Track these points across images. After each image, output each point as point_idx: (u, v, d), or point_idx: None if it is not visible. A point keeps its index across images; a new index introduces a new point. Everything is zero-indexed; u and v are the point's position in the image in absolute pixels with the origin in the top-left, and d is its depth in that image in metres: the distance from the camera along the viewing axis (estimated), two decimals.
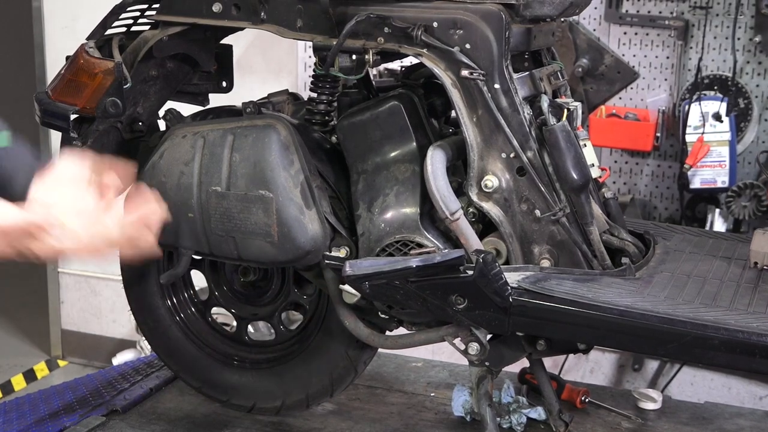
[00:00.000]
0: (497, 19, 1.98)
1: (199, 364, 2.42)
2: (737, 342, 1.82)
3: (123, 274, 2.44)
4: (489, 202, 2.03)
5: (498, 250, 2.05)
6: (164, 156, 2.15)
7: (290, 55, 4.10)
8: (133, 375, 2.79)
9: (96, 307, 4.79)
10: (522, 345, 2.10)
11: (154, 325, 2.44)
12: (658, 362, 3.70)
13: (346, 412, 2.54)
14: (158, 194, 1.86)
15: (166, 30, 2.19)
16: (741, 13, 3.44)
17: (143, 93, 2.26)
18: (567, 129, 2.01)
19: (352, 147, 2.12)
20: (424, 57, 2.01)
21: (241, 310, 2.41)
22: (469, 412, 2.45)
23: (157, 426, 2.45)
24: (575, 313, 1.90)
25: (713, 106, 3.41)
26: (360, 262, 2.00)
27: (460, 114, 2.01)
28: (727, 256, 2.22)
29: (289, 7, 2.09)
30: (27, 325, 5.18)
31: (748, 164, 3.52)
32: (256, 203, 2.04)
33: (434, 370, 2.83)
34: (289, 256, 2.06)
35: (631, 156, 3.68)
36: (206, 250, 2.14)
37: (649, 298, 1.95)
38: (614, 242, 2.16)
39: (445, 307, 1.97)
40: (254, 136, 2.06)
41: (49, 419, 2.61)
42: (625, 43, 3.61)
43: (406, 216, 2.07)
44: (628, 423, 2.50)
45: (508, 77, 2.00)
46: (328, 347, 2.27)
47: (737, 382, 3.65)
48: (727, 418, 2.58)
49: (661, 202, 3.66)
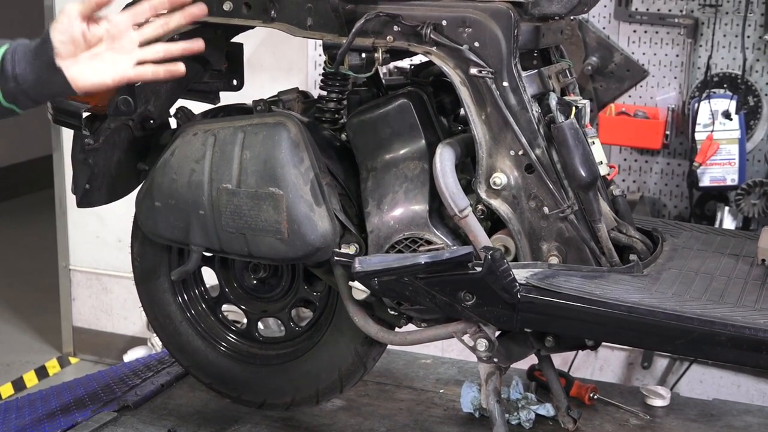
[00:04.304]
0: (506, 17, 1.99)
1: (209, 360, 2.43)
2: (744, 338, 1.82)
3: (134, 271, 2.45)
4: (498, 200, 2.04)
5: (506, 247, 2.06)
6: (175, 153, 2.16)
7: (300, 53, 4.11)
8: (144, 371, 2.80)
9: (107, 305, 4.81)
10: (530, 342, 2.11)
11: (165, 321, 2.45)
12: (668, 360, 3.70)
13: (355, 408, 2.55)
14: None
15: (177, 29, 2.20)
16: (750, 11, 3.44)
17: (154, 91, 2.27)
18: (575, 126, 2.02)
19: (362, 144, 2.13)
20: (433, 55, 2.02)
21: (251, 306, 2.43)
22: (478, 408, 2.46)
23: (168, 421, 2.47)
24: (583, 310, 1.91)
25: (723, 104, 3.40)
26: (369, 258, 2.01)
27: (469, 112, 2.02)
28: (734, 253, 2.22)
29: (299, 5, 2.10)
30: (38, 322, 5.20)
31: (757, 162, 3.52)
32: (267, 200, 2.05)
33: (443, 366, 2.84)
34: (299, 253, 2.07)
35: (640, 154, 3.68)
36: (217, 247, 2.16)
37: (657, 295, 1.96)
38: (622, 239, 2.17)
39: (454, 304, 1.98)
40: (264, 134, 2.07)
41: (61, 415, 2.62)
42: (635, 41, 3.61)
43: (415, 213, 2.08)
44: (636, 420, 2.51)
45: (516, 75, 2.00)
46: (338, 344, 2.28)
47: (746, 380, 3.65)
48: (736, 415, 2.58)
49: (670, 199, 3.66)
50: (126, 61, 1.74)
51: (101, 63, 1.73)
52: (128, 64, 1.75)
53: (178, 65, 1.78)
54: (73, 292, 4.87)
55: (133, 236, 2.42)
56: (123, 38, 1.75)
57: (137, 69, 1.75)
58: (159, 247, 2.36)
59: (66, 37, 1.70)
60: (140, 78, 1.77)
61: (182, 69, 1.78)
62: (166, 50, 1.78)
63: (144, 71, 1.76)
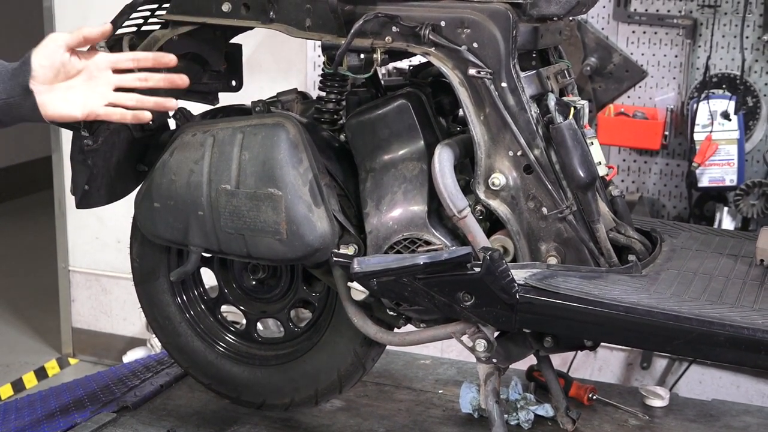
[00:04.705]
0: (504, 18, 1.99)
1: (208, 361, 2.43)
2: (743, 338, 1.82)
3: (133, 272, 2.46)
4: (496, 200, 2.04)
5: (505, 247, 2.06)
6: (174, 154, 2.17)
7: (299, 54, 4.12)
8: (143, 372, 2.80)
9: (106, 306, 4.81)
10: (529, 342, 2.11)
11: (164, 322, 2.45)
12: (667, 360, 3.70)
13: (354, 408, 2.55)
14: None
15: (176, 29, 2.20)
16: (749, 12, 3.45)
17: (153, 92, 2.26)
18: (574, 127, 2.02)
19: (361, 145, 2.14)
20: (431, 56, 2.02)
21: (250, 307, 2.43)
22: (477, 408, 2.46)
23: (168, 422, 2.47)
24: (582, 310, 1.91)
25: (721, 105, 3.41)
26: (368, 259, 2.01)
27: (468, 112, 2.02)
28: (733, 253, 2.23)
29: (297, 6, 2.10)
30: (38, 323, 5.20)
31: (756, 162, 3.53)
32: (266, 201, 2.06)
33: (442, 367, 2.84)
34: (298, 254, 2.08)
35: (639, 154, 3.69)
36: (216, 248, 2.16)
37: (655, 295, 1.96)
38: (621, 240, 2.17)
39: (453, 304, 1.98)
40: (263, 135, 2.08)
41: (60, 416, 2.62)
42: (634, 41, 3.61)
43: (413, 214, 2.08)
44: (635, 420, 2.51)
45: (515, 76, 2.01)
46: (337, 344, 2.28)
47: (746, 380, 3.65)
48: (735, 416, 2.58)
49: (669, 200, 3.66)
50: (98, 99, 1.78)
51: (74, 95, 1.76)
52: (100, 102, 1.79)
53: (144, 113, 1.83)
54: (73, 293, 4.87)
55: (132, 237, 2.42)
56: (101, 77, 1.78)
57: (107, 109, 1.80)
58: (158, 248, 2.37)
59: (48, 62, 1.73)
60: (108, 118, 1.81)
61: (148, 116, 1.83)
62: (139, 100, 1.83)
63: (113, 112, 1.80)
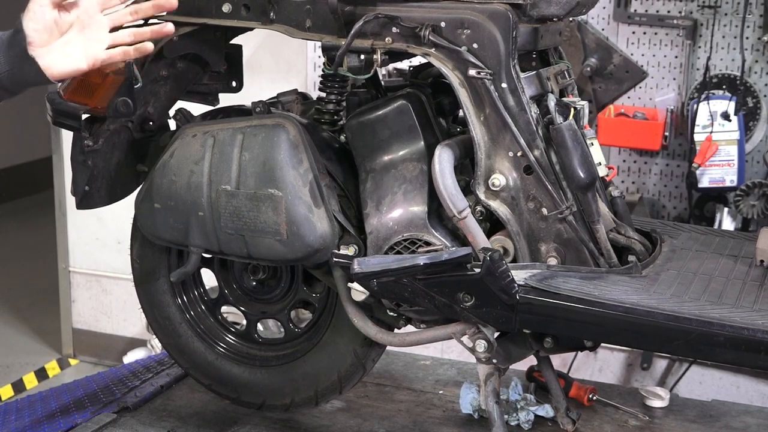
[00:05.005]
0: (504, 19, 1.99)
1: (208, 361, 2.44)
2: (743, 339, 1.83)
3: (134, 273, 2.46)
4: (496, 201, 2.05)
5: (505, 248, 2.06)
6: (175, 155, 2.17)
7: (299, 55, 4.12)
8: (143, 373, 2.80)
9: (107, 306, 4.81)
10: (529, 343, 2.11)
11: (164, 323, 2.45)
12: (667, 361, 3.70)
13: (354, 409, 2.55)
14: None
15: (177, 30, 2.19)
16: (749, 12, 3.45)
17: (154, 93, 2.28)
18: (573, 128, 2.02)
19: (361, 146, 2.14)
20: (431, 57, 2.02)
21: (250, 308, 2.43)
22: (477, 409, 2.46)
23: (168, 423, 2.47)
24: (581, 311, 1.91)
25: (722, 106, 3.41)
26: (368, 259, 2.01)
27: (468, 113, 2.02)
28: (733, 254, 2.23)
29: (298, 7, 2.10)
30: (38, 323, 5.20)
31: (756, 163, 3.53)
32: (266, 202, 2.06)
33: (443, 367, 2.84)
34: (298, 254, 2.08)
35: (639, 155, 3.69)
36: (216, 249, 2.16)
37: (655, 296, 1.96)
38: (621, 240, 2.17)
39: (453, 305, 1.98)
40: (263, 135, 2.08)
41: (61, 416, 2.63)
42: (634, 42, 3.62)
43: (414, 214, 2.08)
44: (635, 420, 2.51)
45: (515, 76, 2.01)
46: (337, 345, 2.28)
47: (746, 381, 3.65)
48: (735, 416, 2.58)
49: (669, 201, 3.66)
50: (97, 45, 1.77)
51: (73, 49, 1.75)
52: (99, 47, 1.77)
53: (146, 45, 1.81)
54: (73, 294, 4.87)
55: (133, 238, 2.42)
56: (93, 23, 1.77)
57: (109, 52, 1.78)
58: (158, 248, 2.37)
59: (39, 25, 1.72)
60: (112, 60, 1.79)
61: (150, 47, 1.81)
62: (135, 33, 1.81)
63: (115, 53, 1.78)
